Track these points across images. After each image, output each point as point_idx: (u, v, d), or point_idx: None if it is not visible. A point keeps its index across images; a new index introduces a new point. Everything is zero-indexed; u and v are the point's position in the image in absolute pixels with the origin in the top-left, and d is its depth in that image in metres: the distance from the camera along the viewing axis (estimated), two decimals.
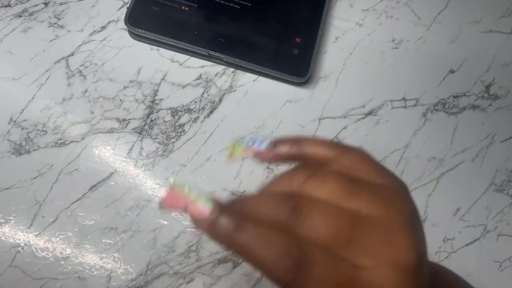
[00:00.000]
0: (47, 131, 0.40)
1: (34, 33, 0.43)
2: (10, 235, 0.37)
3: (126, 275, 0.36)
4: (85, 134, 0.40)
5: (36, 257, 0.36)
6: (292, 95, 0.43)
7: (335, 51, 0.45)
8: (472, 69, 0.45)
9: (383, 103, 0.43)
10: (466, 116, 0.44)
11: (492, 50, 0.46)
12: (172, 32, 0.42)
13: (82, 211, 0.38)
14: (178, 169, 0.40)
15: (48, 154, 0.39)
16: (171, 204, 0.18)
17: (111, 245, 0.37)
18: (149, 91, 0.42)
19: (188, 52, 0.43)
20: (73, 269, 0.36)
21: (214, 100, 0.42)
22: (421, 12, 0.47)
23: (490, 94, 0.44)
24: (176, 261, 0.37)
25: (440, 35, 0.46)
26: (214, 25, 0.43)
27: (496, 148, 0.43)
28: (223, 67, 0.43)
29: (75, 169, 0.39)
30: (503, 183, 0.41)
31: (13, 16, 0.43)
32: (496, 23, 0.47)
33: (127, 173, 0.39)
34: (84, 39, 0.43)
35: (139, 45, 0.43)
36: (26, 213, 0.38)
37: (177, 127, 0.41)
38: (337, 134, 0.42)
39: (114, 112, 0.41)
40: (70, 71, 0.42)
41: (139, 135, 0.41)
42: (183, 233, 0.38)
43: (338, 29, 0.46)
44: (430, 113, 0.43)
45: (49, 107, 0.41)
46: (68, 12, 0.44)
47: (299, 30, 0.43)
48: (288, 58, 0.42)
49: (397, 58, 0.45)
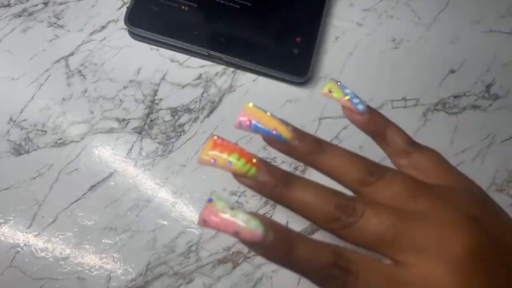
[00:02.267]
0: (47, 131, 0.40)
1: (34, 33, 0.43)
2: (9, 235, 0.37)
3: (125, 276, 0.36)
4: (84, 134, 0.40)
5: (35, 257, 0.36)
6: (292, 95, 0.43)
7: (335, 51, 0.45)
8: (473, 69, 0.45)
9: (383, 103, 0.43)
10: (467, 116, 0.43)
11: (492, 50, 0.46)
12: (172, 32, 0.42)
13: (82, 211, 0.38)
14: (178, 169, 0.40)
15: (47, 154, 0.39)
16: (218, 227, 0.18)
17: (111, 245, 0.37)
18: (148, 91, 0.42)
19: (188, 52, 0.43)
20: (73, 269, 0.36)
21: (214, 100, 0.42)
22: (421, 12, 0.47)
23: (490, 94, 0.44)
24: (176, 262, 0.37)
25: (441, 35, 0.46)
26: (214, 25, 0.43)
27: (497, 148, 0.42)
28: (223, 67, 0.43)
29: (75, 169, 0.39)
30: (503, 183, 0.41)
31: (13, 16, 0.43)
32: (497, 22, 0.47)
33: (127, 173, 0.39)
34: (84, 39, 0.43)
35: (139, 45, 0.43)
36: (25, 213, 0.37)
37: (177, 127, 0.41)
38: (337, 134, 0.42)
39: (114, 112, 0.41)
40: (69, 71, 0.42)
41: (139, 135, 0.41)
42: (182, 233, 0.38)
43: (338, 28, 0.46)
44: (430, 113, 0.43)
45: (49, 107, 0.41)
46: (68, 12, 0.44)
47: (299, 30, 0.43)
48: (288, 57, 0.42)
49: (397, 58, 0.45)
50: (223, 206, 0.18)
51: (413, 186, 0.20)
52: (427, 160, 0.22)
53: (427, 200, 0.19)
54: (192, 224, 0.38)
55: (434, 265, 0.17)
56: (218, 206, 0.18)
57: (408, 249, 0.18)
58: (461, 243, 0.17)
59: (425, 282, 0.17)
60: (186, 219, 0.38)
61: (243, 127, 0.21)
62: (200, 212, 0.18)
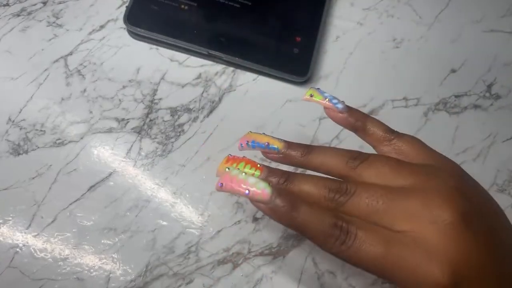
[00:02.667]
0: (46, 131, 0.40)
1: (33, 32, 0.43)
2: (8, 236, 0.37)
3: (125, 276, 0.36)
4: (83, 134, 0.40)
5: (34, 257, 0.36)
6: (292, 94, 0.43)
7: (336, 51, 0.45)
8: (474, 69, 0.45)
9: (384, 102, 0.43)
10: (468, 115, 0.43)
11: (493, 50, 0.46)
12: (171, 31, 0.42)
13: (81, 211, 0.38)
14: (177, 169, 0.39)
15: (46, 154, 0.39)
16: (232, 188, 0.21)
17: (110, 246, 0.37)
18: (148, 90, 0.42)
19: (188, 51, 0.43)
20: (72, 270, 0.36)
21: (213, 99, 0.42)
22: (422, 11, 0.47)
23: (491, 94, 0.44)
24: (176, 262, 0.37)
25: (441, 34, 0.46)
26: (213, 24, 0.43)
27: (498, 148, 0.42)
28: (223, 66, 0.43)
29: (74, 169, 0.39)
30: (504, 183, 0.41)
31: (12, 15, 0.43)
32: (498, 22, 0.47)
33: (126, 173, 0.39)
34: (83, 38, 0.43)
35: (138, 44, 0.43)
36: (24, 213, 0.37)
37: (177, 127, 0.41)
38: (337, 134, 0.41)
39: (113, 112, 0.41)
40: (68, 71, 0.42)
41: (138, 135, 0.40)
42: (182, 234, 0.38)
43: (338, 28, 0.45)
44: (431, 112, 0.43)
45: (48, 107, 0.41)
46: (67, 11, 0.44)
47: (299, 29, 0.43)
48: (288, 57, 0.42)
49: (398, 58, 0.45)
50: (237, 172, 0.21)
51: (396, 165, 0.22)
52: (407, 145, 0.24)
53: (412, 176, 0.22)
54: (192, 225, 0.38)
55: (426, 229, 0.20)
56: (233, 172, 0.21)
57: (402, 217, 0.20)
58: (450, 209, 0.20)
59: (418, 244, 0.19)
60: (185, 219, 0.38)
61: (244, 148, 0.26)
62: (217, 180, 0.22)
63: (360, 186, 0.22)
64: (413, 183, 0.21)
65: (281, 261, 0.37)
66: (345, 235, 0.20)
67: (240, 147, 0.27)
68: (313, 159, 0.24)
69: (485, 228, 0.21)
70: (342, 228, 0.20)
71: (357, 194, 0.21)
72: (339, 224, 0.20)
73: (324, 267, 0.37)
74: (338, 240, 0.20)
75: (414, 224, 0.20)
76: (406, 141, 0.25)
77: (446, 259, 0.19)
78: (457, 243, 0.19)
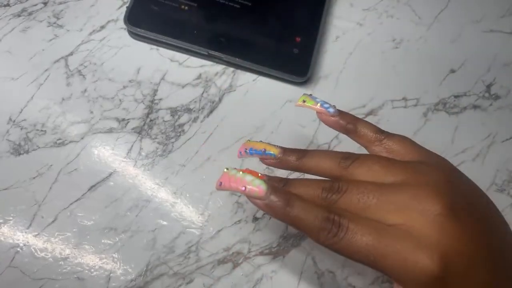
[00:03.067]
0: (46, 131, 0.40)
1: (33, 33, 0.43)
2: (9, 236, 0.37)
3: (125, 276, 0.36)
4: (84, 134, 0.40)
5: (35, 257, 0.36)
6: (292, 94, 0.43)
7: (335, 51, 0.45)
8: (473, 69, 0.45)
9: (384, 103, 0.43)
10: (467, 116, 0.43)
11: (493, 50, 0.46)
12: (171, 32, 0.42)
13: (81, 211, 0.38)
14: (177, 169, 0.40)
15: (47, 154, 0.39)
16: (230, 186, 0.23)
17: (111, 246, 0.37)
18: (148, 90, 0.42)
19: (188, 52, 0.43)
20: (72, 269, 0.36)
21: (213, 99, 0.42)
22: (421, 12, 0.47)
23: (491, 94, 0.44)
24: (176, 262, 0.37)
25: (441, 34, 0.46)
26: (214, 25, 0.43)
27: (497, 148, 0.42)
28: (223, 66, 0.43)
29: (74, 169, 0.39)
30: (504, 183, 0.41)
31: (12, 15, 0.43)
32: (497, 22, 0.47)
33: (127, 173, 0.39)
34: (84, 39, 0.43)
35: (138, 45, 0.43)
36: (25, 213, 0.37)
37: (177, 127, 0.41)
38: (337, 134, 0.42)
39: (113, 112, 0.41)
40: (69, 71, 0.42)
41: (139, 135, 0.40)
42: (182, 233, 0.38)
43: (338, 28, 0.45)
44: (430, 113, 0.43)
45: (48, 107, 0.41)
46: (67, 11, 0.44)
47: (299, 30, 0.43)
48: (288, 57, 0.42)
49: (398, 58, 0.45)
50: (235, 172, 0.23)
51: (387, 162, 0.23)
52: (397, 144, 0.25)
53: (402, 172, 0.22)
54: (192, 224, 0.38)
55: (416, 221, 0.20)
56: (231, 172, 0.23)
57: (393, 211, 0.21)
58: (439, 202, 0.20)
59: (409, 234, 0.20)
60: (186, 219, 0.38)
61: (243, 155, 0.28)
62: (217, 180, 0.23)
63: (352, 184, 0.22)
64: (404, 179, 0.22)
65: (281, 261, 0.37)
66: (337, 228, 0.21)
67: (239, 155, 0.28)
68: (307, 162, 0.26)
69: (474, 218, 0.21)
70: (334, 221, 0.21)
71: (349, 191, 0.22)
72: (331, 217, 0.21)
73: (324, 267, 0.37)
74: (331, 233, 0.21)
75: (405, 217, 0.20)
76: (397, 140, 0.26)
77: (435, 247, 0.19)
78: (446, 231, 0.20)
